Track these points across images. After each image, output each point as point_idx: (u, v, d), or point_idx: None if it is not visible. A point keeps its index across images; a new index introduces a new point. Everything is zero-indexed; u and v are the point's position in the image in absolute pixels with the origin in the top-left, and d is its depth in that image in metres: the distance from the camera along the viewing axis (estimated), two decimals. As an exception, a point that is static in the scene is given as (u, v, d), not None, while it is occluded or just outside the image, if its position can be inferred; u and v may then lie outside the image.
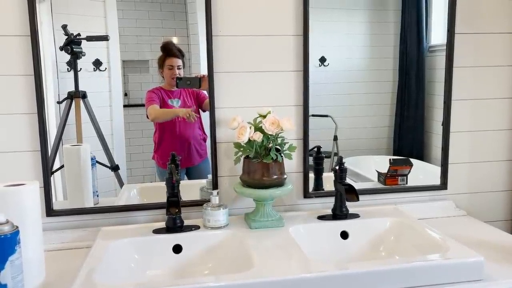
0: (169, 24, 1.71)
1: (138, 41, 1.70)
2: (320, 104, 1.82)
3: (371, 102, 1.89)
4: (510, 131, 1.73)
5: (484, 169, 1.75)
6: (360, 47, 1.87)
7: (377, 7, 1.88)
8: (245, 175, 1.45)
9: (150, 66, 1.72)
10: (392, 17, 1.85)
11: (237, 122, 1.43)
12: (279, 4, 1.54)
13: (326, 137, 1.86)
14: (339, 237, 1.48)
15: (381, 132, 1.91)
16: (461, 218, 1.68)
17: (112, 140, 1.71)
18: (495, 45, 1.68)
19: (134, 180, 1.72)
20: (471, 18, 1.65)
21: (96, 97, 1.68)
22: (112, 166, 1.67)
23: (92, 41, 1.63)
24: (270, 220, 1.45)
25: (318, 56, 1.79)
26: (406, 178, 1.79)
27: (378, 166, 1.82)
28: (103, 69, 1.67)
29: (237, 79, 1.55)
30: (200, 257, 1.36)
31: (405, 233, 1.44)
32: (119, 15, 1.66)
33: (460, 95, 1.69)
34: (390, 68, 1.86)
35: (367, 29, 1.87)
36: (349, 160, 1.85)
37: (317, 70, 1.80)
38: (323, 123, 1.83)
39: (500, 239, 1.45)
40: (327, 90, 1.85)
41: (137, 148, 1.73)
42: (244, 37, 1.53)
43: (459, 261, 1.15)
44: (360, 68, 1.88)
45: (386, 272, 1.13)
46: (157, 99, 1.66)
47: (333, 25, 1.83)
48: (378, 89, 1.89)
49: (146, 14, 1.69)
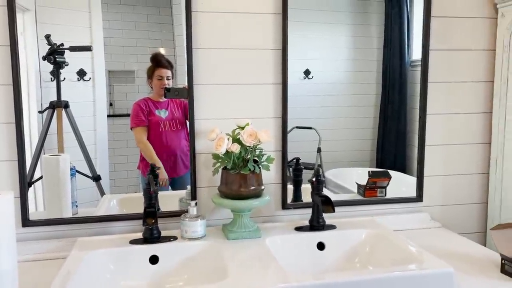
0: (156, 36, 1.72)
1: (125, 51, 1.71)
2: (304, 116, 1.86)
3: (355, 115, 1.91)
4: (483, 145, 1.78)
5: (459, 182, 1.79)
6: (344, 60, 1.90)
7: (360, 22, 1.91)
8: (223, 186, 1.46)
9: (136, 77, 1.72)
10: (376, 32, 1.88)
11: (216, 133, 1.45)
12: (258, 18, 1.57)
13: (310, 149, 1.87)
14: (315, 249, 1.49)
15: (365, 144, 1.93)
16: (436, 230, 1.71)
17: (95, 150, 1.70)
18: (468, 61, 1.74)
19: (118, 190, 1.71)
20: (445, 35, 1.71)
21: (79, 107, 1.67)
22: (94, 176, 1.66)
23: (75, 51, 1.64)
24: (247, 231, 1.46)
25: (302, 69, 1.82)
26: (385, 190, 1.82)
27: (360, 178, 1.85)
28: (87, 79, 1.66)
29: (217, 91, 1.57)
30: (176, 268, 1.36)
31: (380, 245, 1.47)
32: (105, 26, 1.67)
33: (434, 110, 1.73)
34: (374, 82, 1.89)
35: (351, 43, 1.90)
36: (332, 172, 1.90)
37: (301, 83, 1.83)
38: (307, 135, 1.85)
39: (472, 251, 1.48)
40: (311, 102, 1.87)
41: (122, 158, 1.71)
42: (224, 50, 1.56)
43: (430, 272, 1.18)
44: (344, 81, 1.90)
45: (357, 282, 1.15)
46: (143, 115, 1.66)
47: (318, 39, 1.86)
48: (362, 102, 1.92)
49: (132, 25, 1.70)
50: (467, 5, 1.71)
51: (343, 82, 1.90)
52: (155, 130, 1.66)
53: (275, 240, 1.45)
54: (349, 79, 1.91)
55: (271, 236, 1.47)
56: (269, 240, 1.44)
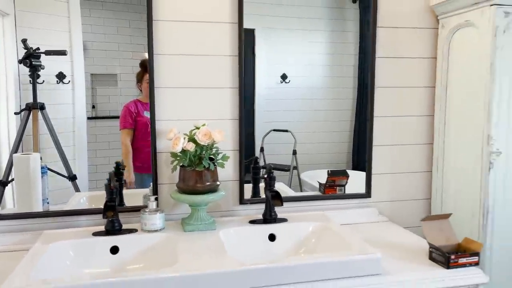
0: (138, 40, 1.76)
1: (107, 55, 1.76)
2: (281, 120, 1.95)
3: (331, 118, 1.99)
4: (426, 145, 1.93)
5: (404, 179, 1.93)
6: (321, 66, 1.98)
7: (337, 28, 1.98)
8: (181, 182, 1.58)
9: (119, 80, 1.78)
10: (352, 38, 1.96)
11: (174, 133, 1.57)
12: (216, 27, 1.69)
13: (286, 151, 1.96)
14: (267, 240, 1.61)
15: (341, 147, 2.01)
16: (383, 223, 1.85)
17: (74, 151, 1.76)
18: (412, 68, 1.88)
19: (99, 190, 1.72)
20: (391, 44, 1.85)
21: (58, 109, 1.73)
22: (69, 176, 1.74)
23: (50, 55, 1.70)
24: (203, 223, 1.58)
25: (280, 73, 1.91)
26: (344, 188, 1.95)
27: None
28: (67, 81, 1.73)
29: (178, 94, 1.69)
30: (135, 258, 1.47)
31: (325, 236, 1.59)
32: (87, 30, 1.73)
33: (381, 113, 1.87)
34: (350, 87, 1.97)
35: (328, 49, 1.98)
36: (308, 173, 1.99)
37: (278, 87, 1.93)
38: (283, 138, 1.94)
39: (410, 241, 1.62)
40: (288, 106, 1.95)
41: (104, 160, 1.77)
42: (184, 56, 1.68)
43: (358, 257, 1.31)
44: (321, 86, 1.98)
45: (295, 267, 1.27)
46: (130, 118, 1.76)
47: (295, 44, 1.94)
48: (338, 106, 1.99)
49: (115, 30, 1.76)
50: (411, 16, 1.85)
51: (319, 86, 1.98)
52: (143, 129, 1.76)
53: (229, 232, 1.57)
54: (325, 83, 1.99)
55: (225, 229, 1.59)
56: (223, 232, 1.56)
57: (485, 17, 1.56)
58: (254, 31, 1.88)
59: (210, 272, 1.21)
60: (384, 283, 1.29)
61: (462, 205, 1.72)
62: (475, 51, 1.63)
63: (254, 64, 1.89)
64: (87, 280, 1.20)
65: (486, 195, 1.60)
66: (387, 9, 1.82)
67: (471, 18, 1.63)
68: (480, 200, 1.61)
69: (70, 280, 1.25)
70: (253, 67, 1.90)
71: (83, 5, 1.72)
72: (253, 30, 1.88)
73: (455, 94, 1.76)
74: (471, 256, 1.38)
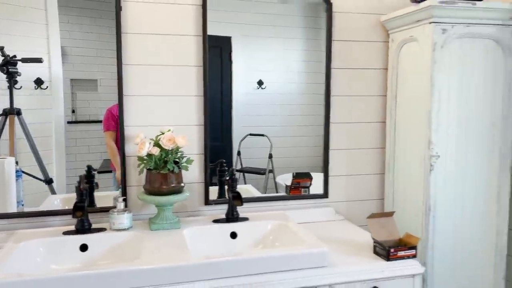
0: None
1: (87, 61, 1.80)
2: (257, 124, 2.03)
3: (306, 123, 2.06)
4: (379, 149, 2.08)
5: (360, 181, 2.08)
6: (296, 72, 2.05)
7: (311, 37, 2.05)
8: (147, 184, 1.70)
9: (99, 85, 1.83)
10: (325, 46, 1.99)
11: (140, 138, 1.68)
12: (182, 39, 1.81)
13: (262, 155, 2.04)
14: (228, 237, 1.74)
15: (315, 150, 2.07)
16: (339, 222, 1.99)
17: (53, 155, 1.81)
18: (365, 78, 2.04)
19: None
20: (345, 56, 2.00)
21: (37, 114, 1.79)
22: (46, 179, 1.81)
23: (27, 62, 1.76)
24: (168, 222, 1.69)
25: (256, 79, 1.99)
26: (308, 189, 2.08)
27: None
28: (45, 87, 1.78)
29: (145, 102, 1.80)
30: (103, 255, 1.58)
31: (282, 233, 1.73)
32: (66, 36, 1.78)
33: (337, 119, 2.02)
34: (323, 93, 2.02)
35: (302, 57, 2.06)
36: (283, 176, 2.08)
37: (254, 92, 2.00)
38: (260, 142, 2.02)
39: (360, 238, 1.76)
40: (264, 111, 2.03)
41: (83, 164, 1.80)
42: (151, 66, 1.80)
43: (306, 251, 1.45)
44: (296, 92, 2.05)
45: (249, 260, 1.40)
46: (113, 121, 1.83)
47: (271, 51, 2.02)
48: (313, 111, 2.06)
49: (94, 36, 1.80)
50: (365, 30, 2.01)
51: (295, 92, 2.05)
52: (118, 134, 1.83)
53: (193, 230, 1.69)
54: (300, 90, 2.06)
55: (189, 227, 1.71)
56: (186, 230, 1.68)
57: (425, 33, 1.72)
58: (231, 38, 1.98)
59: (171, 265, 1.33)
60: (329, 274, 1.43)
61: (409, 204, 1.88)
62: (418, 64, 1.79)
63: (231, 70, 1.98)
64: (58, 274, 1.30)
65: (427, 194, 1.75)
66: (341, 24, 1.97)
67: (415, 34, 1.79)
68: (423, 199, 1.77)
69: (42, 273, 1.35)
70: (231, 73, 1.99)
71: (61, 12, 1.77)
72: (230, 38, 1.98)
73: (403, 103, 1.92)
74: (409, 249, 1.53)
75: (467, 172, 1.78)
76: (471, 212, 1.81)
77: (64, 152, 1.84)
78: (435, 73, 1.70)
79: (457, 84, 1.74)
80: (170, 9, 1.79)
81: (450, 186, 1.77)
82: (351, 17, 1.98)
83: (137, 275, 1.30)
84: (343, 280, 1.44)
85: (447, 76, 1.72)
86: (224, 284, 1.34)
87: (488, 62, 1.76)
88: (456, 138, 1.76)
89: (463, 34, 1.71)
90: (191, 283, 1.33)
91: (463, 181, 1.78)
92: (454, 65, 1.72)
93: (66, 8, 1.79)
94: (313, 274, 1.42)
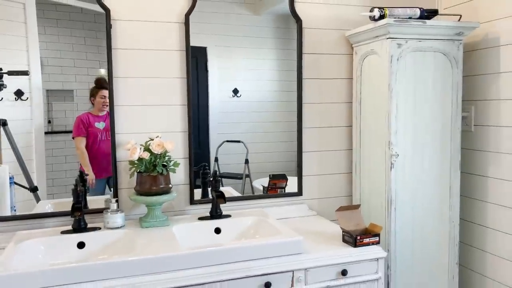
0: (94, 57, 1.89)
1: (63, 71, 1.86)
2: (234, 131, 2.14)
3: (281, 129, 2.18)
4: (347, 151, 2.31)
5: (330, 180, 2.30)
6: (269, 81, 2.15)
7: (283, 47, 2.17)
8: (138, 186, 1.86)
9: (75, 96, 1.90)
10: (296, 56, 2.12)
11: (131, 144, 1.85)
12: (167, 54, 1.99)
13: (239, 161, 2.15)
14: (213, 233, 1.91)
15: (290, 155, 2.21)
16: (312, 217, 2.20)
17: (34, 164, 1.89)
18: (333, 87, 2.26)
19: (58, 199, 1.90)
20: (315, 67, 2.22)
21: (18, 125, 1.85)
22: (31, 187, 1.91)
23: (13, 75, 1.85)
24: (158, 221, 1.86)
25: (231, 88, 2.11)
26: (284, 189, 2.28)
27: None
28: (25, 98, 1.85)
29: (134, 111, 1.96)
30: (99, 251, 1.73)
31: (261, 227, 1.92)
32: (43, 47, 1.83)
33: (309, 124, 2.23)
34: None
35: (275, 66, 2.17)
36: (259, 181, 2.22)
37: (230, 100, 2.12)
38: (236, 148, 2.14)
39: (331, 229, 1.97)
40: (240, 118, 2.14)
41: (61, 173, 1.89)
42: (139, 78, 1.96)
43: (284, 240, 1.64)
44: (270, 100, 2.16)
45: (234, 249, 1.58)
46: (83, 127, 1.94)
47: (246, 61, 2.12)
48: (287, 118, 2.18)
49: (70, 47, 1.86)
50: (331, 44, 2.23)
51: (268, 100, 2.16)
52: (94, 139, 1.97)
53: (180, 227, 1.86)
54: (274, 97, 2.18)
55: (177, 224, 1.87)
56: (175, 227, 1.84)
57: (383, 48, 1.96)
58: (206, 49, 2.10)
59: (163, 255, 1.50)
60: (304, 260, 1.63)
61: (375, 198, 2.10)
62: (378, 74, 2.02)
63: (207, 79, 2.09)
64: (69, 265, 1.44)
65: (389, 189, 1.98)
66: (311, 38, 2.19)
67: (375, 48, 2.03)
68: (386, 193, 2.00)
69: (55, 265, 1.49)
70: (207, 82, 2.09)
71: (39, 23, 1.82)
72: (205, 48, 2.10)
73: (367, 108, 2.15)
74: (373, 237, 1.75)
75: (423, 169, 2.03)
76: (427, 204, 2.05)
77: (45, 161, 1.91)
78: (392, 82, 1.93)
79: (412, 91, 1.98)
80: (156, 27, 1.97)
81: (408, 182, 2.01)
82: (319, 32, 2.21)
83: (133, 265, 1.46)
84: (317, 264, 1.64)
85: (403, 85, 1.96)
86: (211, 271, 1.52)
87: (438, 72, 2.01)
88: (413, 139, 2.00)
89: (416, 48, 1.96)
90: (181, 271, 1.51)
91: (419, 177, 2.02)
92: (409, 75, 1.97)
93: (43, 20, 1.84)
94: (290, 260, 1.61)
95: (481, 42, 2.11)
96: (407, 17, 1.95)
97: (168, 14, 1.97)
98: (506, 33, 1.98)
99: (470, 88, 2.17)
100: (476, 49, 2.14)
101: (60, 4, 1.88)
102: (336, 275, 1.67)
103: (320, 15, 2.20)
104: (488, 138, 2.09)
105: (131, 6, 1.93)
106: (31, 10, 1.85)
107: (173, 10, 1.98)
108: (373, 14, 1.93)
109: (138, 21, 1.94)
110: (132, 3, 1.93)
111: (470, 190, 2.20)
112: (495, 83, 2.04)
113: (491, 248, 2.11)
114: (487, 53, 2.08)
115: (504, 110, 2.01)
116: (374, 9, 1.93)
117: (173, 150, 1.87)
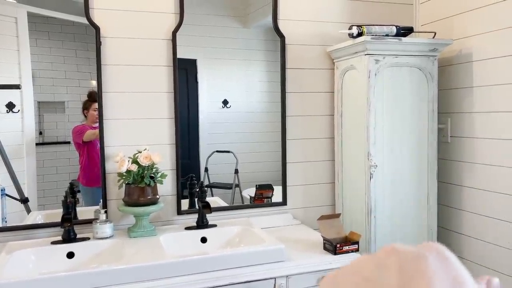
0: (85, 69, 1.93)
1: (54, 83, 1.89)
2: (223, 141, 2.20)
3: (270, 139, 2.23)
4: (330, 162, 2.39)
5: (314, 189, 2.38)
6: (258, 92, 2.22)
7: (271, 59, 2.22)
8: (126, 197, 1.92)
9: (67, 107, 1.94)
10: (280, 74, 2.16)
11: (120, 157, 1.91)
12: (155, 69, 2.07)
13: (228, 171, 2.21)
14: (199, 242, 1.98)
15: (278, 165, 2.25)
16: (297, 226, 2.27)
17: (25, 176, 1.93)
18: (316, 100, 2.35)
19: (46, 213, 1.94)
20: (298, 81, 2.31)
21: (9, 137, 1.90)
22: (22, 198, 1.96)
23: (5, 89, 1.92)
24: (145, 230, 1.92)
25: (221, 99, 2.17)
26: (270, 199, 2.35)
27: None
28: (16, 111, 1.90)
29: (123, 124, 2.03)
30: (88, 260, 1.78)
31: (246, 236, 1.98)
32: (34, 59, 1.87)
33: (292, 136, 2.32)
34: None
35: (264, 77, 2.23)
36: (250, 190, 2.28)
37: (220, 111, 2.18)
38: (226, 158, 2.20)
39: (313, 238, 2.04)
40: (230, 128, 2.20)
41: (51, 184, 1.92)
42: (128, 93, 2.04)
43: (267, 248, 1.72)
44: (259, 110, 2.22)
45: (218, 257, 1.65)
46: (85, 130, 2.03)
47: (235, 72, 2.18)
48: (276, 128, 2.22)
49: (61, 59, 1.90)
50: (313, 59, 2.33)
51: (257, 111, 2.22)
52: (93, 147, 2.03)
53: (167, 237, 1.92)
54: (263, 108, 2.23)
55: (165, 234, 1.94)
56: (162, 237, 1.90)
57: (362, 63, 2.06)
58: (196, 61, 2.17)
59: (150, 263, 1.57)
60: (286, 267, 1.70)
61: (356, 207, 2.19)
62: (358, 88, 2.12)
63: (197, 91, 2.16)
64: (59, 274, 1.50)
65: (369, 198, 2.07)
66: (293, 54, 2.29)
67: (354, 63, 2.13)
68: (366, 202, 2.08)
69: (46, 274, 1.55)
70: (197, 93, 2.15)
71: (30, 35, 1.85)
72: (195, 60, 2.17)
73: (347, 121, 2.24)
74: (352, 245, 1.82)
75: (401, 179, 2.12)
76: (406, 213, 2.14)
77: (35, 173, 1.95)
78: (371, 96, 2.03)
79: (390, 104, 2.08)
80: (144, 44, 2.05)
81: (387, 191, 2.09)
82: (302, 48, 2.30)
83: (122, 273, 1.52)
84: (298, 271, 1.71)
85: (381, 98, 2.06)
86: (197, 278, 1.59)
87: (414, 85, 2.11)
88: (391, 150, 2.09)
89: (392, 63, 2.06)
90: (168, 279, 1.57)
91: (398, 186, 2.11)
92: (386, 89, 2.07)
93: (35, 32, 1.88)
94: (272, 267, 1.68)
95: (455, 57, 2.22)
96: (384, 35, 2.05)
97: (156, 32, 2.06)
98: (478, 50, 2.09)
99: (446, 101, 2.27)
100: (451, 64, 2.25)
101: (51, 17, 1.93)
102: (317, 282, 1.74)
103: (302, 32, 2.30)
104: (464, 149, 2.19)
105: (120, 24, 2.01)
106: (23, 24, 1.89)
107: (161, 28, 2.07)
108: (352, 32, 2.03)
109: (127, 38, 2.02)
110: (121, 21, 2.01)
111: (447, 199, 2.30)
112: (468, 97, 2.15)
113: (466, 254, 2.20)
114: (461, 68, 2.19)
115: (477, 123, 2.11)
116: (353, 27, 2.03)
117: (161, 162, 1.94)
